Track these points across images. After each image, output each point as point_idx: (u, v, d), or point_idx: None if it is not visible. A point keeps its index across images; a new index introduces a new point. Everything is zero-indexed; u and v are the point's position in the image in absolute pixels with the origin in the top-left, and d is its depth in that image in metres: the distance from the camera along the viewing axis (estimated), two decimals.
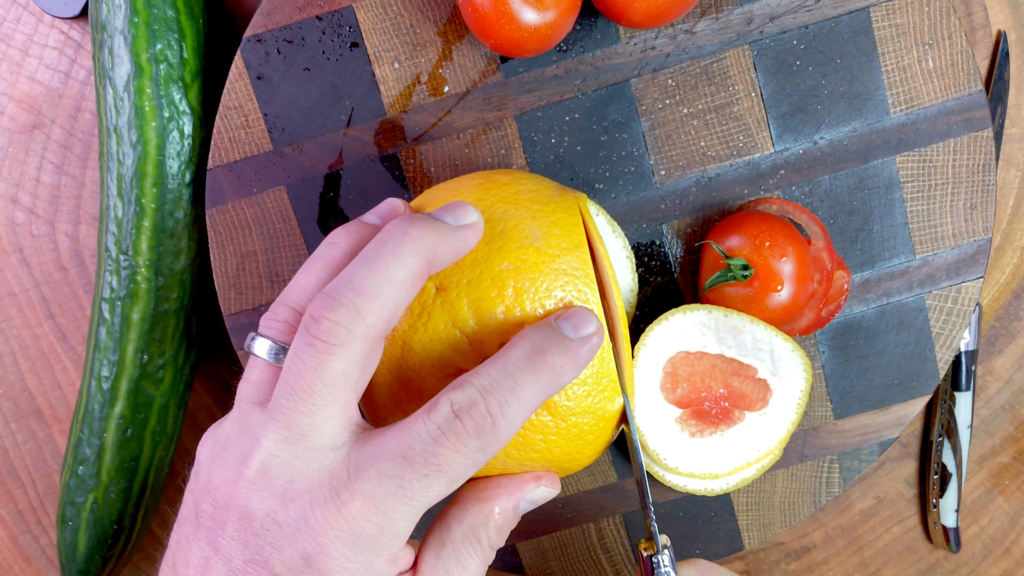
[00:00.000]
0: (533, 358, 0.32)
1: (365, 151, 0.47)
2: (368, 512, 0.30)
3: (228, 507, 0.31)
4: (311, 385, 0.31)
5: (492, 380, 0.31)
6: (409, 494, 0.30)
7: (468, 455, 0.31)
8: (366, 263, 0.32)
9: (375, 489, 0.30)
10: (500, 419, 0.31)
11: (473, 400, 0.31)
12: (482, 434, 0.31)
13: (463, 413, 0.31)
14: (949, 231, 0.46)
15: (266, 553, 0.31)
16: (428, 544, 0.34)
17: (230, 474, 0.32)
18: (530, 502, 0.36)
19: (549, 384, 0.32)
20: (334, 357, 0.31)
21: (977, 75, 0.45)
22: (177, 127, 0.46)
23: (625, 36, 0.45)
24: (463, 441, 0.30)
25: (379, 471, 0.30)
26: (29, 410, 0.54)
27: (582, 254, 0.36)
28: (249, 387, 0.33)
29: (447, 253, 0.33)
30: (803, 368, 0.45)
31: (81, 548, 0.49)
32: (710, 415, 0.45)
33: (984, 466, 0.53)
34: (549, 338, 0.32)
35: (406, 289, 0.32)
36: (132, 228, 0.46)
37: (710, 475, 0.46)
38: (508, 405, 0.31)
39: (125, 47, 0.45)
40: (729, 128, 0.46)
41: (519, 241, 0.35)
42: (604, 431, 0.38)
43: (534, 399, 0.32)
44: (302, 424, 0.31)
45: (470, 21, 0.41)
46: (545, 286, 0.35)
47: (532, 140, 0.46)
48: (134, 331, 0.47)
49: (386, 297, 0.31)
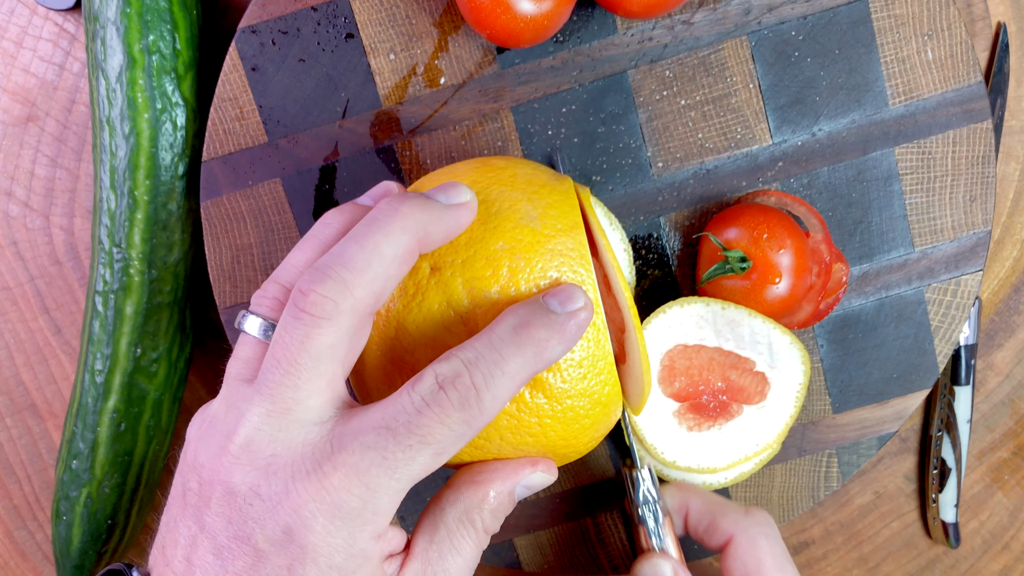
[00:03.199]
0: (519, 332, 0.32)
1: (361, 143, 0.46)
2: (350, 484, 0.30)
3: (213, 483, 0.31)
4: (297, 358, 0.31)
5: (477, 353, 0.31)
6: (392, 466, 0.30)
7: (452, 427, 0.30)
8: (356, 239, 0.32)
9: (358, 461, 0.30)
10: (485, 392, 0.31)
11: (458, 372, 0.31)
12: (466, 406, 0.30)
13: (447, 385, 0.30)
14: (948, 224, 0.46)
15: (249, 528, 0.30)
16: (421, 527, 0.34)
17: (215, 449, 0.31)
18: (526, 487, 0.36)
19: (535, 358, 0.32)
20: (321, 330, 0.31)
21: (976, 67, 0.45)
22: (170, 119, 0.46)
23: (622, 27, 0.45)
24: (447, 412, 0.30)
25: (362, 443, 0.30)
26: (24, 405, 0.53)
27: (577, 235, 0.36)
28: (238, 364, 0.33)
29: (439, 231, 0.33)
30: (801, 361, 0.44)
31: (76, 543, 0.49)
32: (708, 409, 0.45)
33: (983, 461, 0.52)
34: (535, 313, 0.32)
35: (396, 265, 0.32)
36: (125, 220, 0.46)
37: (708, 469, 0.45)
38: (493, 378, 0.31)
39: (117, 38, 0.45)
40: (727, 120, 0.46)
41: (514, 221, 0.35)
42: (600, 416, 0.37)
43: (520, 373, 0.31)
44: (287, 398, 0.31)
45: (466, 11, 0.41)
46: (540, 266, 0.35)
47: (529, 132, 0.46)
48: (127, 324, 0.47)
49: (375, 272, 0.31)
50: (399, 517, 0.50)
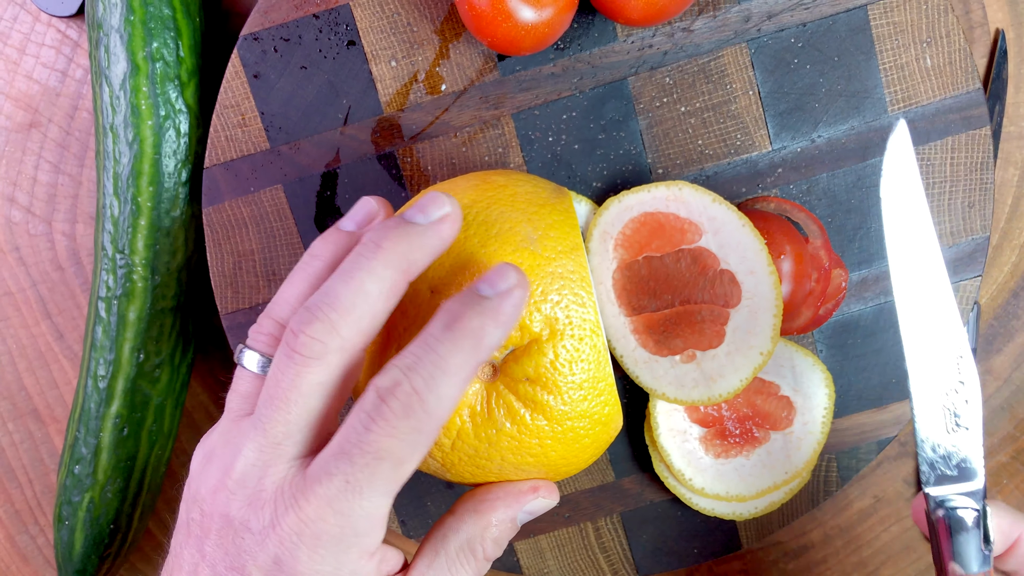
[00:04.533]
0: (452, 326, 0.31)
1: (362, 149, 0.47)
2: (324, 513, 0.31)
3: (212, 515, 0.33)
4: (288, 395, 0.32)
5: (415, 357, 0.31)
6: (357, 488, 0.31)
7: (402, 437, 0.30)
8: (342, 278, 0.33)
9: (325, 490, 0.31)
10: (427, 394, 0.31)
11: (396, 380, 0.31)
12: (410, 413, 0.30)
13: (388, 395, 0.31)
14: (947, 229, 0.46)
15: (243, 559, 0.32)
16: (422, 552, 0.35)
17: (214, 483, 0.33)
18: (528, 513, 0.36)
19: (473, 348, 0.31)
20: (311, 370, 0.32)
21: (975, 73, 0.45)
22: (173, 125, 0.46)
23: (622, 34, 0.45)
24: (392, 423, 0.30)
25: (327, 472, 0.31)
26: (26, 410, 0.54)
27: (578, 257, 0.36)
28: (237, 398, 0.35)
29: (422, 256, 0.34)
30: (825, 384, 0.44)
31: (78, 548, 0.49)
32: (734, 435, 0.45)
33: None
34: (466, 303, 0.32)
35: (383, 301, 0.33)
36: (128, 227, 0.46)
37: (737, 497, 0.45)
38: (433, 379, 0.31)
39: (121, 45, 0.45)
40: (727, 126, 0.46)
41: (515, 244, 0.35)
42: (601, 435, 0.37)
43: (463, 368, 0.31)
44: (278, 433, 0.32)
45: (467, 19, 0.41)
46: (540, 290, 0.35)
47: (529, 138, 0.46)
48: (130, 330, 0.47)
49: (361, 311, 0.32)
50: (400, 521, 0.50)
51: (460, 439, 0.36)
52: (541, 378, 0.35)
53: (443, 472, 0.37)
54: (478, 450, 0.36)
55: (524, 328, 0.35)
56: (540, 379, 0.35)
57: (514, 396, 0.35)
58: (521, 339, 0.35)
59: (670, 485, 0.47)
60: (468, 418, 0.36)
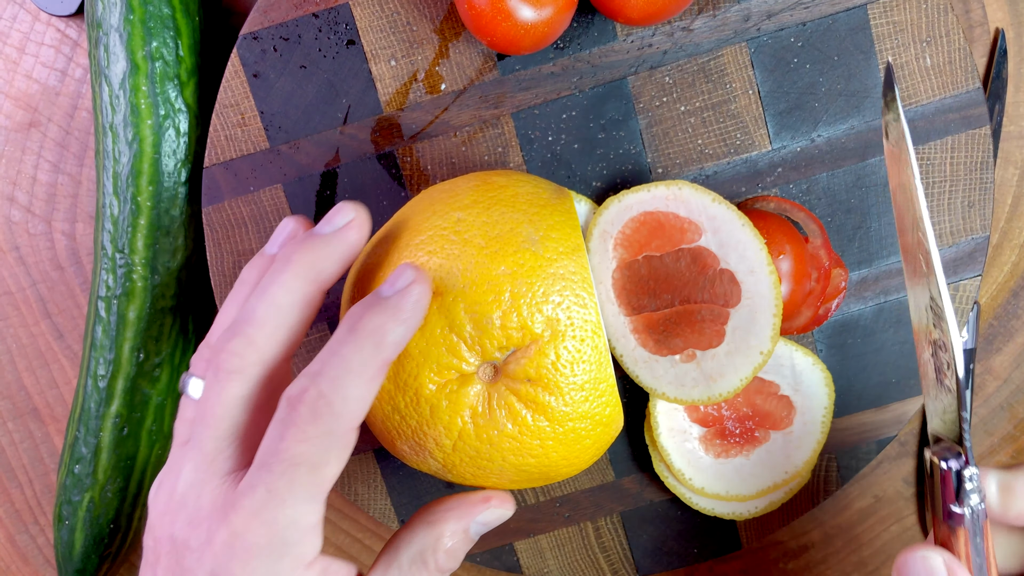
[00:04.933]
0: (353, 328, 0.32)
1: (362, 149, 0.47)
2: (251, 525, 0.31)
3: (161, 539, 0.33)
4: (215, 411, 0.33)
5: (321, 362, 0.32)
6: (279, 497, 0.31)
7: (314, 441, 0.31)
8: (258, 294, 0.34)
9: (250, 502, 0.31)
10: (334, 396, 0.31)
11: (303, 387, 0.31)
12: (318, 416, 0.31)
13: (296, 402, 0.31)
14: (947, 229, 0.46)
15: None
16: (377, 564, 0.35)
17: (161, 508, 0.34)
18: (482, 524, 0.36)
19: (376, 347, 0.32)
20: (232, 383, 0.33)
21: (975, 72, 0.45)
22: (173, 125, 0.46)
23: (622, 33, 0.45)
24: (302, 429, 0.31)
25: (250, 484, 0.32)
26: (26, 409, 0.54)
27: (579, 258, 0.36)
28: (183, 426, 0.35)
29: (330, 265, 0.35)
30: (825, 383, 0.44)
31: (78, 547, 0.49)
32: (734, 435, 0.45)
33: (982, 465, 0.52)
34: (366, 304, 0.33)
35: (296, 312, 0.34)
36: (128, 226, 0.46)
37: (736, 497, 0.45)
38: (338, 379, 0.31)
39: (121, 44, 0.45)
40: (726, 126, 0.46)
41: (516, 245, 0.35)
42: (602, 435, 0.37)
43: (367, 367, 0.32)
44: (210, 450, 0.33)
45: (467, 18, 0.41)
46: (542, 291, 0.35)
47: (529, 138, 0.46)
48: (130, 329, 0.47)
49: (275, 323, 0.33)
50: (400, 522, 0.50)
51: (461, 440, 0.36)
52: (542, 379, 0.35)
53: (444, 473, 0.37)
54: (479, 451, 0.36)
55: (526, 329, 0.35)
56: (541, 380, 0.35)
57: (515, 397, 0.35)
58: (522, 340, 0.35)
59: (670, 485, 0.47)
60: (470, 419, 0.36)
